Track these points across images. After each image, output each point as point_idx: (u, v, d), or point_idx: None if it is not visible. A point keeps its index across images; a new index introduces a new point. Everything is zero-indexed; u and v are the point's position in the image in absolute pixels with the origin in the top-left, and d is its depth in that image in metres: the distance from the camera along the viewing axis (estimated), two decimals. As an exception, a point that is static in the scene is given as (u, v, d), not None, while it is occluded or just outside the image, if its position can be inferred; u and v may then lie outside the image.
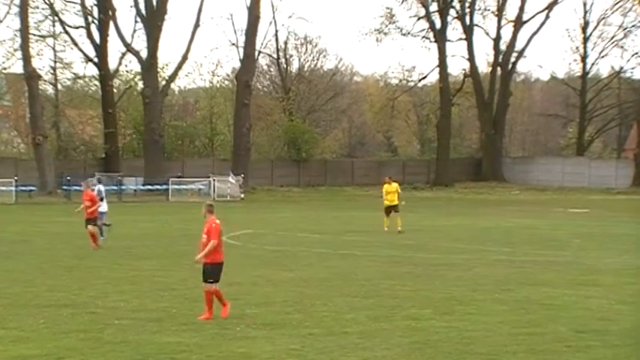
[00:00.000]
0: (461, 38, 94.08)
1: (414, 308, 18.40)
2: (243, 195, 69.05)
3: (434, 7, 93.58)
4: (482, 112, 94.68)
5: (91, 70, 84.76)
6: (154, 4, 75.56)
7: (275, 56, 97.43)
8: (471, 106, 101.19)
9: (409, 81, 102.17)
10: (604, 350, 14.58)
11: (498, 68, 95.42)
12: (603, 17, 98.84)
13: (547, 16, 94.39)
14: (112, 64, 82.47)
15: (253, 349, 14.28)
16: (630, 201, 69.00)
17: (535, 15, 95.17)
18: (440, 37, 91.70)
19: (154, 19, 75.54)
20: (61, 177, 69.12)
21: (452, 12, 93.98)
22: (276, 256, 29.10)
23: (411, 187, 79.22)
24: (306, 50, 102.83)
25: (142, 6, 76.32)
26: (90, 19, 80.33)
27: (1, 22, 78.63)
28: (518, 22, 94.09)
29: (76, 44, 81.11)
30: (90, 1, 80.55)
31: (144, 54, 77.30)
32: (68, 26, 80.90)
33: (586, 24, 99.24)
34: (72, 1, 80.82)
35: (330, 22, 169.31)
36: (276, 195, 75.64)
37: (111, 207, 34.43)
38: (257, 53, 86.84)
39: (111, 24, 78.72)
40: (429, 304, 18.97)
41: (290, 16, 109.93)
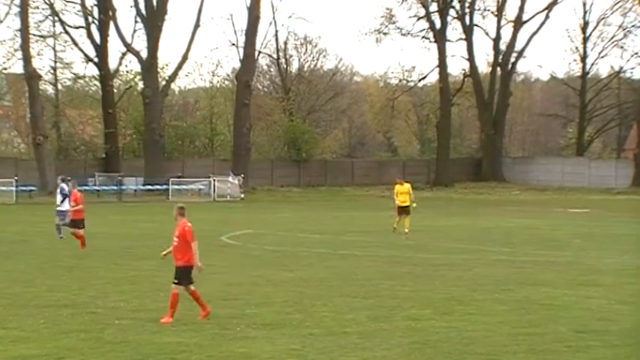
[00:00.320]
0: (461, 38, 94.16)
1: (414, 308, 18.40)
2: (243, 195, 69.05)
3: (434, 7, 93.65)
4: (482, 112, 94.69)
5: (92, 70, 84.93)
6: (154, 4, 75.57)
7: (275, 56, 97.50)
8: (470, 106, 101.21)
9: (409, 81, 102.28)
10: (604, 350, 14.59)
11: (498, 68, 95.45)
12: (603, 17, 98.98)
13: (547, 16, 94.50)
14: (112, 64, 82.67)
15: (253, 349, 14.29)
16: (630, 201, 69.01)
17: (535, 15, 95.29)
18: (440, 37, 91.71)
19: (154, 19, 75.55)
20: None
21: (452, 12, 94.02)
22: (276, 256, 29.10)
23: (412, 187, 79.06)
24: (306, 50, 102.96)
25: (142, 6, 76.37)
26: (90, 19, 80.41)
27: (1, 22, 78.82)
28: (518, 22, 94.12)
29: (76, 44, 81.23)
30: (90, 1, 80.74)
31: (144, 54, 77.34)
32: (68, 26, 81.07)
33: (586, 24, 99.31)
34: (72, 1, 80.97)
35: (330, 22, 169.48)
36: (276, 195, 75.64)
37: (111, 207, 34.45)
38: (257, 53, 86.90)
39: (111, 24, 78.77)
40: (429, 304, 18.97)
41: (290, 16, 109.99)
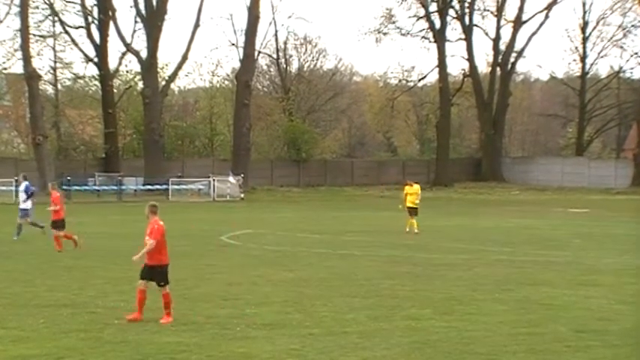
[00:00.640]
0: (460, 38, 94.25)
1: (414, 308, 18.40)
2: (243, 195, 69.06)
3: (433, 7, 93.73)
4: (482, 112, 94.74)
5: (91, 70, 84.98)
6: (154, 4, 75.58)
7: (275, 56, 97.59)
8: (470, 106, 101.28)
9: (409, 81, 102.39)
10: (604, 350, 14.59)
11: (498, 68, 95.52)
12: (602, 17, 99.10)
13: (546, 16, 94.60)
14: (112, 64, 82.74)
15: (253, 349, 14.29)
16: (630, 201, 69.01)
17: (534, 15, 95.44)
18: (439, 37, 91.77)
19: (153, 19, 75.56)
20: (61, 177, 69.12)
21: (451, 12, 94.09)
22: (276, 256, 29.09)
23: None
24: (306, 50, 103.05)
25: (141, 6, 76.39)
26: (90, 19, 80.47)
27: (1, 22, 78.90)
28: (518, 22, 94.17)
29: (76, 44, 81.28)
30: (90, 1, 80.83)
31: (144, 54, 77.36)
32: (68, 26, 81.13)
33: (585, 24, 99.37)
34: (72, 1, 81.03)
35: (329, 22, 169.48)
36: (275, 195, 75.64)
37: (111, 207, 34.43)
38: (257, 53, 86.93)
39: (111, 24, 78.84)
40: (429, 304, 18.97)
41: (290, 16, 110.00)
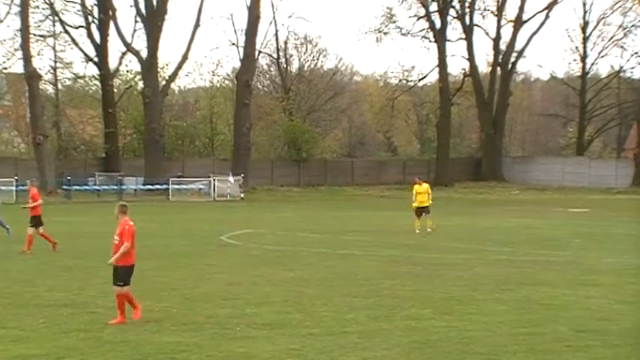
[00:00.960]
0: (460, 38, 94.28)
1: (414, 308, 18.40)
2: (243, 195, 69.07)
3: (434, 7, 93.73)
4: (482, 112, 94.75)
5: (92, 69, 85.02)
6: (154, 4, 75.57)
7: (275, 56, 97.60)
8: (470, 106, 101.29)
9: (409, 81, 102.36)
10: (604, 350, 14.59)
11: (498, 68, 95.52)
12: (603, 17, 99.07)
13: (547, 16, 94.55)
14: (112, 63, 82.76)
15: (253, 349, 14.29)
16: (630, 201, 69.02)
17: (535, 15, 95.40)
18: (439, 37, 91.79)
19: (154, 18, 75.56)
20: (61, 177, 69.17)
21: (451, 12, 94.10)
22: (276, 255, 29.10)
23: (410, 187, 79.02)
24: (306, 50, 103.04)
25: (142, 6, 76.38)
26: (90, 18, 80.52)
27: (1, 21, 78.94)
28: (518, 22, 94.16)
29: (76, 44, 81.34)
30: (90, 0, 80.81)
31: (144, 54, 77.36)
32: (68, 26, 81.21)
33: (585, 24, 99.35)
34: (72, 1, 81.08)
35: (330, 21, 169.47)
36: (276, 195, 75.65)
37: (110, 207, 34.33)
38: (257, 53, 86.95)
39: (111, 24, 78.82)
40: (429, 303, 18.97)
41: (290, 16, 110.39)
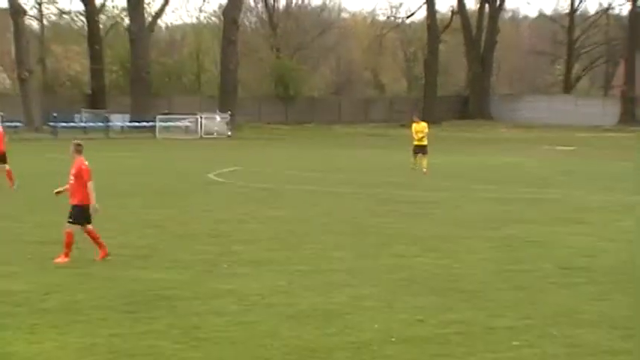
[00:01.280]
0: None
1: (400, 245, 18.48)
2: (230, 132, 68.93)
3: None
4: (470, 50, 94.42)
5: (77, 5, 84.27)
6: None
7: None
8: (458, 44, 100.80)
9: (397, 18, 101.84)
10: (588, 287, 14.70)
11: (486, 5, 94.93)
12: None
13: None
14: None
15: (240, 286, 14.33)
16: (617, 138, 69.14)
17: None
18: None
19: (140, -47, 74.75)
20: (47, 113, 68.82)
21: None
22: (264, 193, 29.11)
23: (397, 125, 79.05)
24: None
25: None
26: (75, -47, 79.67)
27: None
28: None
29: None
30: None
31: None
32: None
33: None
34: None
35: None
36: (263, 133, 75.45)
37: (97, 144, 34.32)
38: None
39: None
40: (415, 241, 19.05)
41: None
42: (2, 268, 15.64)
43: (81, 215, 16.49)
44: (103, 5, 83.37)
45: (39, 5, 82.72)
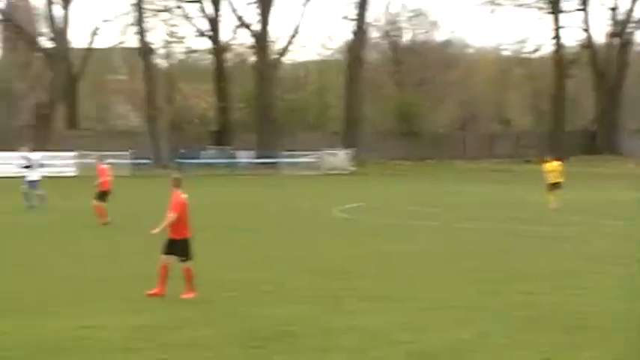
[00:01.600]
0: (576, 9, 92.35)
1: (527, 282, 18.14)
2: (353, 168, 69.12)
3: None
4: (598, 84, 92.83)
5: (204, 44, 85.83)
6: (267, -23, 75.89)
7: (386, 29, 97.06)
8: (586, 78, 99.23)
9: (523, 53, 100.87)
10: None
11: (615, 39, 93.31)
12: None
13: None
14: (224, 37, 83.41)
15: (363, 322, 14.23)
16: None
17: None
18: (555, 8, 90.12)
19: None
20: (175, 150, 70.15)
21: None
22: (386, 229, 29.03)
23: (523, 161, 78.17)
24: (418, 22, 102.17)
25: (254, -21, 76.77)
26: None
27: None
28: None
29: (189, 18, 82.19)
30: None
31: (256, 27, 77.77)
32: (182, 0, 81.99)
33: None
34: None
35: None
36: (386, 169, 75.45)
37: (223, 180, 34.71)
38: (368, 26, 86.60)
39: (224, -2, 79.47)
40: (543, 277, 18.69)
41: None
42: (133, 305, 15.78)
43: (185, 248, 16.36)
44: (229, 43, 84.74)
45: (168, 44, 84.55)
